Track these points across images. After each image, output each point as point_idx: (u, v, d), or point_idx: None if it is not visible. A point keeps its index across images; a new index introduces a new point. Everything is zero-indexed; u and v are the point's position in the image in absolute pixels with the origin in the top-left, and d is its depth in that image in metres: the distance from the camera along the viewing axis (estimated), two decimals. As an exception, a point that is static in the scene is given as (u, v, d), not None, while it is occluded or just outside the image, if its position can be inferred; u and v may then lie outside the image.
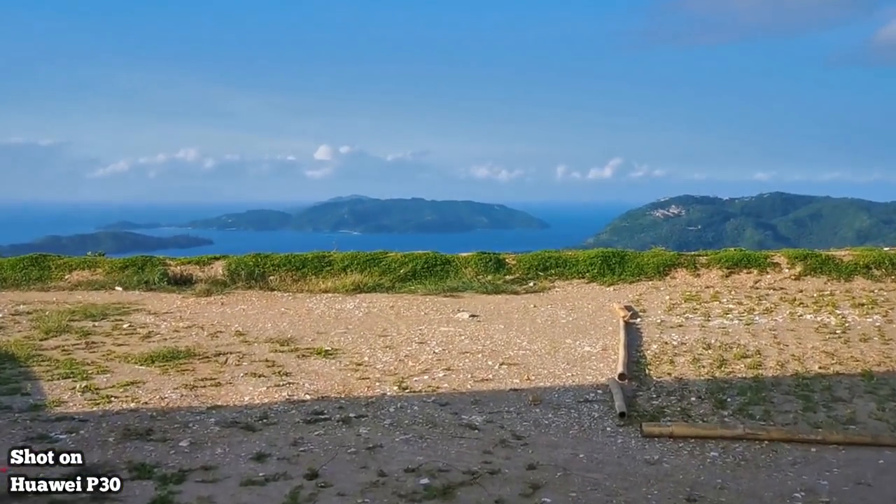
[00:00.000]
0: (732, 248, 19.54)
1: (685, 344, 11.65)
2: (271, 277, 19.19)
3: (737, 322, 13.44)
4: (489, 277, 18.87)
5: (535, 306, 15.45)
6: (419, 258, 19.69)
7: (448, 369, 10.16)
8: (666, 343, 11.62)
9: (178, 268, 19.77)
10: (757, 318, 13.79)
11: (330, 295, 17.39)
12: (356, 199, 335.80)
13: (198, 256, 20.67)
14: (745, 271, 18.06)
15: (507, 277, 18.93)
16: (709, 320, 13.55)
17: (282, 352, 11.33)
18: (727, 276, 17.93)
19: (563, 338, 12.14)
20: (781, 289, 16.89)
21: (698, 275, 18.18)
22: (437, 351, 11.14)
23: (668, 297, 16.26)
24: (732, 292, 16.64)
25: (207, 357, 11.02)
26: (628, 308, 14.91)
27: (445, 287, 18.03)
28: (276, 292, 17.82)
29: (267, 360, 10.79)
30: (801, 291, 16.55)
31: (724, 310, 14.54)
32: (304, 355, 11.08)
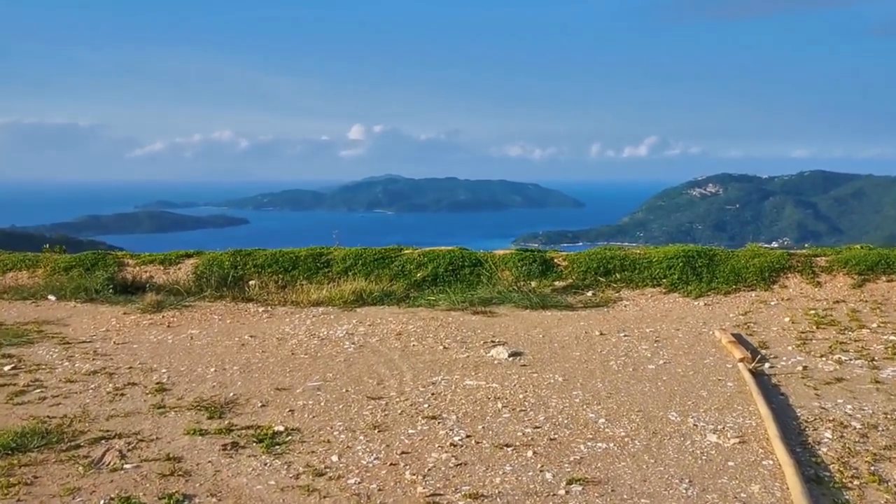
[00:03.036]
0: (859, 246, 14.68)
1: (876, 426, 6.95)
2: (251, 282, 14.82)
3: (920, 369, 8.71)
4: (533, 284, 14.28)
5: (601, 334, 10.85)
6: (442, 257, 15.16)
7: (474, 497, 5.57)
8: (841, 424, 6.93)
9: (136, 269, 15.49)
10: (949, 361, 9.03)
11: (321, 310, 12.95)
12: (390, 179, 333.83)
13: (164, 254, 16.36)
14: (884, 278, 13.23)
15: (557, 284, 14.32)
16: (876, 367, 8.83)
17: (205, 433, 6.89)
18: (860, 286, 13.12)
19: (662, 407, 7.53)
20: (946, 306, 12.07)
21: (819, 283, 13.39)
22: (456, 441, 6.60)
23: (787, 319, 11.53)
24: (877, 311, 11.85)
25: (77, 447, 6.62)
26: (738, 338, 10.26)
27: (475, 298, 13.50)
28: (251, 304, 13.43)
29: (169, 457, 6.35)
30: (978, 310, 11.73)
31: (890, 345, 9.79)
32: (235, 444, 6.62)
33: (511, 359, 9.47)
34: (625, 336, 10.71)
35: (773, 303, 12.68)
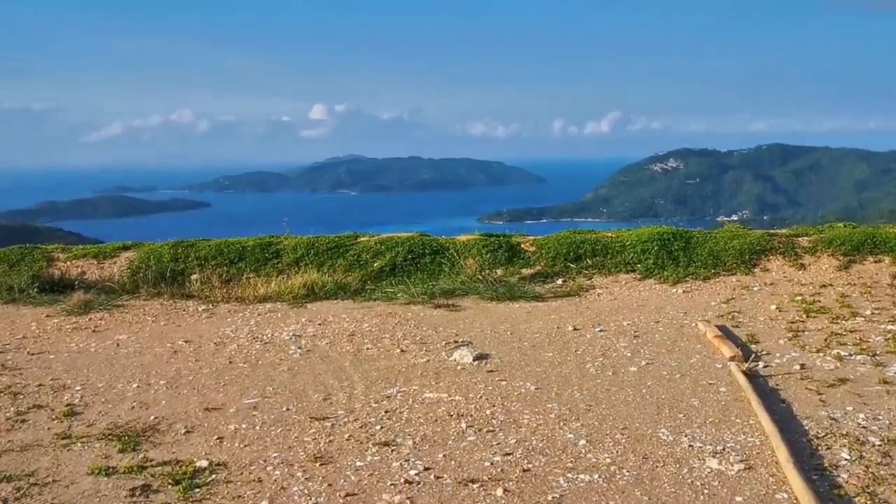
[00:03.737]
0: (842, 224, 13.87)
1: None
2: (193, 276, 13.58)
3: (929, 365, 7.84)
4: (500, 272, 13.25)
5: (574, 329, 9.87)
6: (401, 245, 14.07)
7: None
8: (858, 440, 5.98)
9: (67, 264, 14.14)
10: (959, 355, 8.18)
11: (268, 307, 11.80)
12: (353, 159, 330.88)
13: (99, 246, 15.05)
14: (871, 259, 12.44)
15: (525, 272, 13.32)
16: (881, 363, 7.95)
17: (112, 473, 5.75)
18: (846, 268, 12.30)
19: (650, 422, 6.54)
20: (939, 288, 11.29)
21: (802, 265, 12.55)
22: (413, 476, 5.53)
23: (773, 307, 10.66)
24: (868, 296, 11.04)
25: (-52, 496, 5.45)
26: (724, 331, 9.35)
27: (437, 290, 12.44)
28: (191, 302, 12.23)
29: (62, 509, 5.23)
30: (975, 293, 10.96)
31: (890, 336, 8.94)
32: (147, 487, 5.49)
33: (476, 363, 8.44)
34: (601, 331, 9.74)
35: (755, 288, 11.81)
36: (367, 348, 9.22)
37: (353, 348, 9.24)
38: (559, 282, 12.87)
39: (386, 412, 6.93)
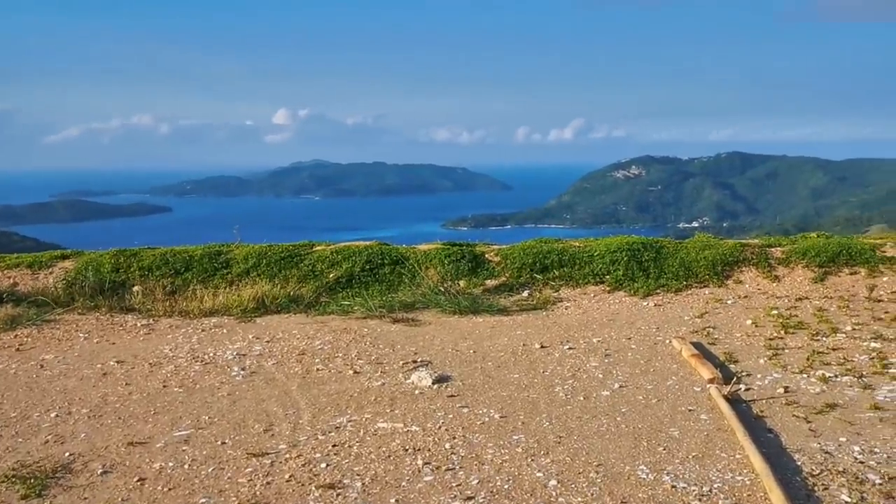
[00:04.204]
0: (815, 234, 13.44)
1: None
2: (135, 288, 12.70)
3: (919, 387, 7.30)
4: (462, 283, 12.58)
5: (542, 347, 9.21)
6: (358, 254, 13.31)
7: None
8: (856, 477, 5.37)
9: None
10: (949, 376, 7.66)
11: (213, 322, 10.98)
12: (317, 164, 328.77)
13: (34, 255, 14.04)
14: (846, 270, 11.99)
15: (489, 283, 12.66)
16: (869, 386, 7.41)
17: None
18: (821, 280, 11.84)
19: (627, 457, 5.89)
20: (918, 301, 10.85)
21: (776, 277, 12.06)
22: (359, 529, 4.83)
23: (749, 322, 10.12)
24: (846, 310, 10.55)
25: None
26: (700, 349, 8.76)
27: (396, 303, 11.73)
28: (131, 316, 11.36)
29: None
30: (955, 307, 10.53)
31: (874, 354, 8.41)
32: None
33: (436, 386, 7.73)
34: (570, 349, 9.10)
35: (729, 301, 11.28)
36: (318, 369, 8.46)
37: (302, 369, 8.47)
38: (525, 294, 12.24)
39: (334, 446, 6.19)
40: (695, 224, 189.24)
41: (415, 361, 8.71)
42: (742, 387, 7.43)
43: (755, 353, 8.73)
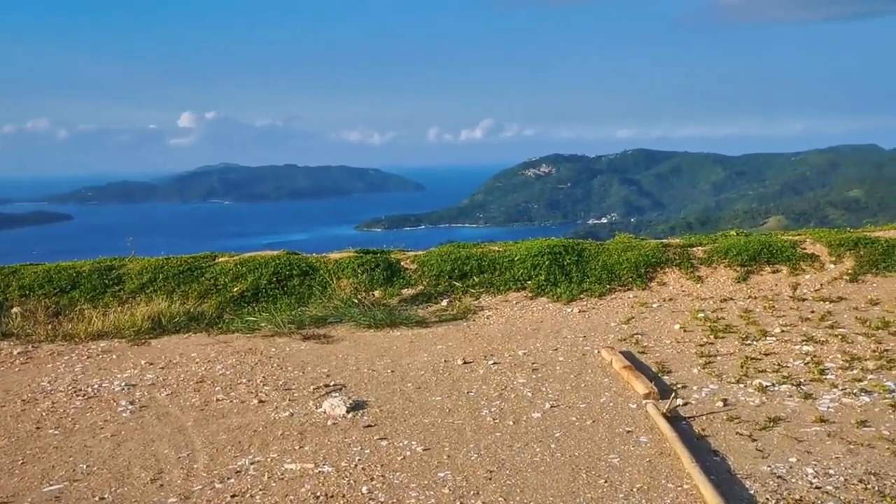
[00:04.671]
0: (734, 232, 13.28)
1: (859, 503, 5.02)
2: (14, 310, 11.44)
3: (866, 399, 6.98)
4: (377, 294, 11.84)
5: (465, 363, 8.57)
6: (265, 266, 12.39)
7: None
8: (811, 504, 4.95)
9: None
10: (890, 383, 7.38)
11: (102, 346, 9.92)
12: (226, 167, 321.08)
13: None
14: (768, 269, 11.81)
15: (406, 292, 11.96)
16: (809, 395, 7.04)
17: None
18: (744, 279, 11.62)
19: (567, 492, 5.29)
20: (841, 298, 10.71)
21: (699, 277, 11.78)
22: None
23: (677, 326, 9.75)
24: (772, 311, 10.31)
25: None
26: (630, 359, 8.30)
27: (306, 317, 10.91)
28: (7, 342, 10.16)
29: None
30: (877, 304, 10.43)
31: (808, 359, 8.11)
32: None
33: (351, 415, 6.98)
34: (494, 364, 8.49)
35: (655, 305, 10.92)
36: (218, 399, 7.58)
37: (200, 400, 7.58)
38: (444, 303, 11.60)
39: (233, 496, 5.37)
40: (604, 220, 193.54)
41: (327, 385, 7.94)
42: (679, 401, 6.96)
43: (687, 361, 8.32)
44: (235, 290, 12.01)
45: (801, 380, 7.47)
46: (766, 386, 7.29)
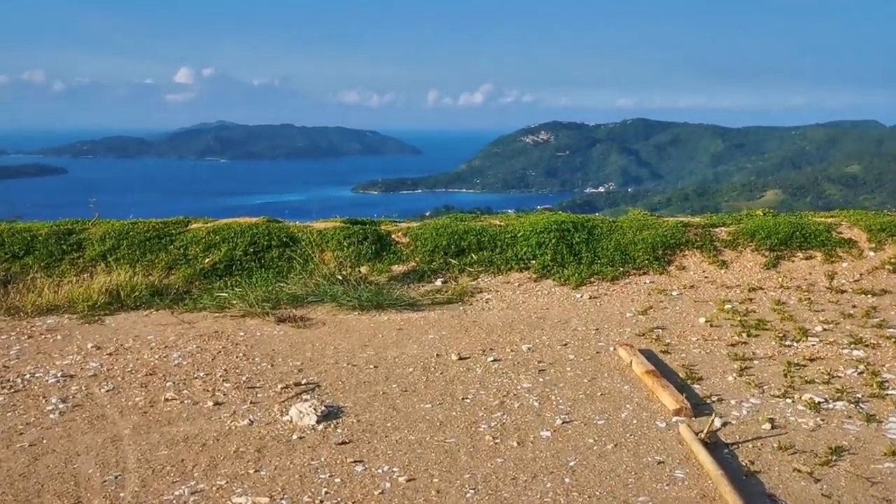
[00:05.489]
0: (761, 211, 12.03)
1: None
2: (-42, 277, 10.20)
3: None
4: (364, 270, 10.64)
5: (460, 359, 7.39)
6: (241, 234, 11.15)
7: None
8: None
9: None
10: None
11: (48, 323, 8.72)
12: (222, 125, 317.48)
13: None
14: (800, 255, 10.60)
15: (396, 269, 10.75)
16: (874, 417, 5.88)
17: None
18: (774, 265, 10.42)
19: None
20: (885, 291, 9.52)
21: (724, 262, 10.58)
22: None
23: (703, 320, 8.56)
24: (808, 304, 9.12)
25: None
26: (652, 361, 7.12)
27: (284, 295, 9.70)
28: (-58, 317, 8.94)
29: None
30: (929, 299, 9.24)
31: (862, 368, 6.94)
32: None
33: (322, 426, 5.80)
34: (494, 361, 7.31)
35: (675, 293, 9.73)
36: (167, 399, 6.39)
37: (145, 399, 6.39)
38: (438, 282, 10.39)
39: (161, 545, 4.20)
40: (601, 189, 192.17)
41: (297, 384, 6.75)
42: (717, 420, 5.79)
43: (719, 365, 7.15)
44: (207, 261, 10.78)
45: (859, 395, 6.30)
46: (819, 402, 6.12)
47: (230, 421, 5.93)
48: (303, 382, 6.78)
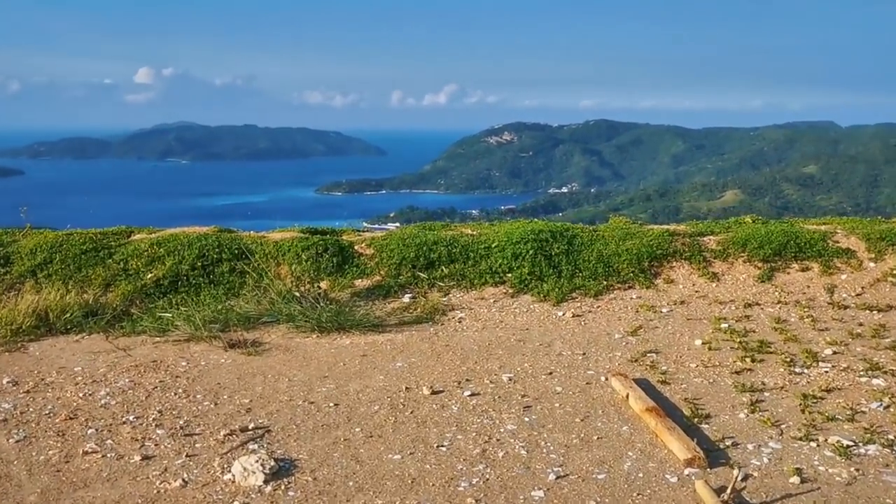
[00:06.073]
0: (749, 218, 11.28)
1: None
2: None
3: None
4: (325, 285, 9.69)
5: (433, 393, 6.47)
6: (188, 247, 10.12)
7: None
8: None
9: None
10: None
11: (-39, 353, 7.60)
12: (184, 126, 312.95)
13: None
14: (796, 266, 9.87)
15: (360, 284, 9.80)
16: (907, 462, 5.11)
17: None
18: (769, 277, 9.67)
19: None
20: (890, 307, 8.80)
21: (714, 274, 9.80)
22: None
23: (700, 342, 7.75)
24: (810, 321, 8.37)
25: None
26: (651, 394, 6.28)
27: (234, 316, 8.70)
28: None
29: None
30: (936, 315, 8.54)
31: (886, 401, 6.16)
32: None
33: (270, 488, 4.85)
34: (472, 396, 6.41)
35: (664, 309, 8.92)
36: (87, 452, 5.38)
37: (60, 453, 5.37)
38: (406, 299, 9.48)
39: None
40: (564, 189, 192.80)
41: (244, 429, 5.78)
42: (739, 476, 4.93)
43: (726, 398, 6.33)
44: (149, 276, 9.73)
45: (891, 436, 5.52)
46: (848, 446, 5.32)
47: (159, 481, 4.94)
48: (250, 427, 5.81)
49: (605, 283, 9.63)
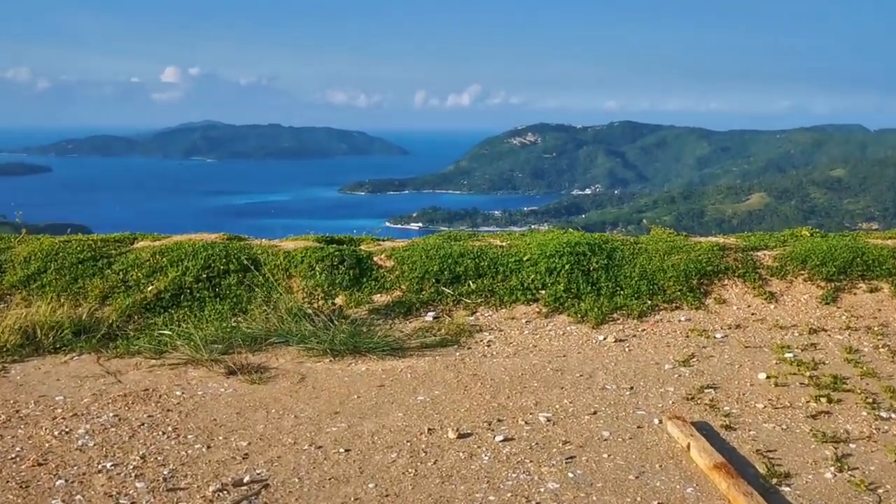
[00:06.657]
0: (807, 231, 10.26)
1: None
2: None
3: None
4: (340, 300, 8.83)
5: (459, 436, 5.58)
6: (193, 257, 9.31)
7: None
8: None
9: None
10: None
11: (-66, 376, 6.82)
12: (209, 125, 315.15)
13: None
14: (863, 286, 8.85)
15: (378, 299, 8.93)
16: None
17: None
18: (833, 299, 8.67)
19: None
20: (977, 337, 7.79)
21: (772, 294, 8.81)
22: None
23: (764, 376, 6.79)
24: (886, 351, 7.38)
25: None
26: (711, 439, 5.35)
27: (239, 335, 7.86)
28: None
29: None
30: None
31: None
32: None
33: (262, 568, 3.97)
34: (505, 442, 5.51)
35: (718, 335, 7.96)
36: (51, 511, 4.55)
37: (20, 511, 4.55)
38: (429, 317, 8.59)
39: None
40: (588, 191, 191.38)
41: (238, 483, 4.92)
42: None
43: (805, 450, 5.37)
44: (150, 289, 8.92)
45: None
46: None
47: (131, 556, 4.09)
48: (245, 481, 4.95)
49: (649, 302, 8.68)
